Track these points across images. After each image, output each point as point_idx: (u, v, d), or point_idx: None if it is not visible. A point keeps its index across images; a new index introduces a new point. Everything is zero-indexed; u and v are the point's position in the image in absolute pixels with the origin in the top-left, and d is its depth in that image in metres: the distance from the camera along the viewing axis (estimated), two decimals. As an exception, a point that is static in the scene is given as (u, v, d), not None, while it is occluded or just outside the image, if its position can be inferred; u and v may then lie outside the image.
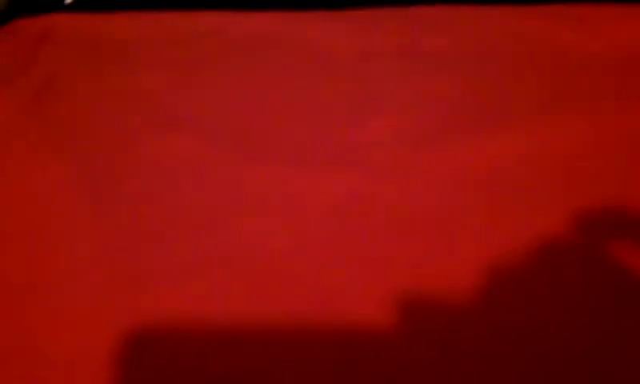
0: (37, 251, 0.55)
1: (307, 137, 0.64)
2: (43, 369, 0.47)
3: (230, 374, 0.45)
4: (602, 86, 0.69)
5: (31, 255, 0.55)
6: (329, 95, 0.69)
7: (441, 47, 0.77)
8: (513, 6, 0.83)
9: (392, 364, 0.45)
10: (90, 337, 0.48)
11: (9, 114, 0.71)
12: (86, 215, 0.58)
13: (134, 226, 0.56)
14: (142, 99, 0.72)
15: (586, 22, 0.82)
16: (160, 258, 0.53)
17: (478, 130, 0.63)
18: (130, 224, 0.56)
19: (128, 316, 0.49)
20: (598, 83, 0.70)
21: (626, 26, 0.80)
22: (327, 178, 0.59)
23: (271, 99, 0.70)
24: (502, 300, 0.48)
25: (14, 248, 0.56)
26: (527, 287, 0.49)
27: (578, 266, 0.51)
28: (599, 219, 0.54)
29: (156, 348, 0.47)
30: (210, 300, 0.50)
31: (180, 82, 0.74)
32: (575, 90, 0.68)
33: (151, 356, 0.47)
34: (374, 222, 0.55)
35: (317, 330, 0.47)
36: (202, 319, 0.48)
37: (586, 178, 0.58)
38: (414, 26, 0.81)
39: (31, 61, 0.79)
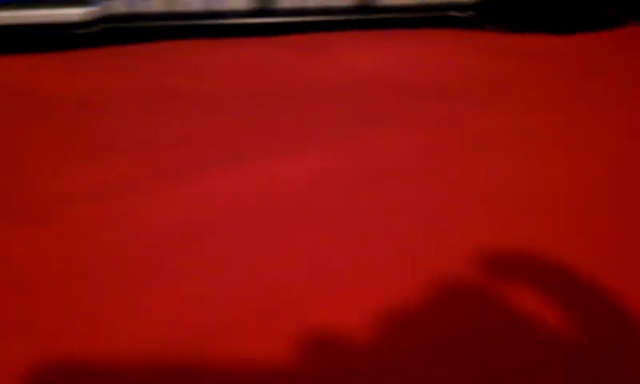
0: None
1: (5, 190, 0.60)
2: None
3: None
4: (337, 112, 0.71)
5: None
6: (42, 144, 0.66)
7: (182, 84, 0.76)
8: (248, 37, 0.85)
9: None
10: None
11: None
12: None
13: None
14: None
15: (326, 49, 0.85)
16: None
17: (181, 175, 0.61)
18: None
19: None
20: (334, 110, 0.72)
21: (367, 52, 0.85)
22: (15, 239, 0.55)
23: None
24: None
25: None
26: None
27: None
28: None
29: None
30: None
31: None
32: (307, 119, 0.70)
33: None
34: (57, 281, 0.52)
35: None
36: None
37: (317, 210, 0.59)
38: (147, 63, 0.80)
39: None
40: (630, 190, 0.59)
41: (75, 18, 0.88)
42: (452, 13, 0.96)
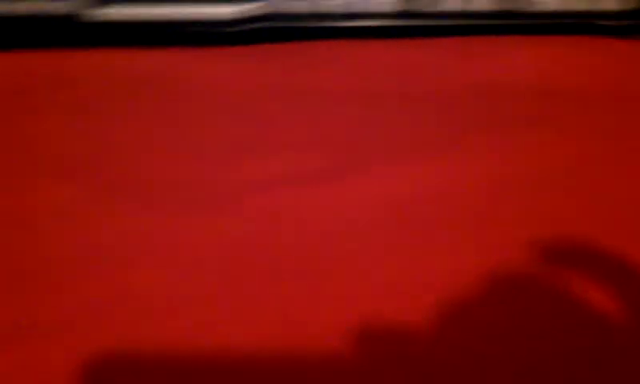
0: None
1: (185, 180, 0.63)
2: None
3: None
4: (498, 114, 0.69)
5: None
6: (212, 135, 0.69)
7: (329, 84, 0.77)
8: (395, 39, 0.84)
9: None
10: None
11: None
12: None
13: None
14: (26, 144, 0.70)
15: (481, 52, 0.82)
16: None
17: (363, 168, 0.63)
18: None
19: None
20: (492, 112, 0.71)
21: (521, 56, 0.82)
22: (199, 225, 0.58)
23: (155, 141, 0.69)
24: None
25: None
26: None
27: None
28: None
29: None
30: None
31: (66, 125, 0.73)
32: (461, 121, 0.69)
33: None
34: (251, 268, 0.55)
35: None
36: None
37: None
38: (302, 62, 0.81)
39: None
40: None
41: (226, 17, 0.91)
42: (601, 21, 0.91)
